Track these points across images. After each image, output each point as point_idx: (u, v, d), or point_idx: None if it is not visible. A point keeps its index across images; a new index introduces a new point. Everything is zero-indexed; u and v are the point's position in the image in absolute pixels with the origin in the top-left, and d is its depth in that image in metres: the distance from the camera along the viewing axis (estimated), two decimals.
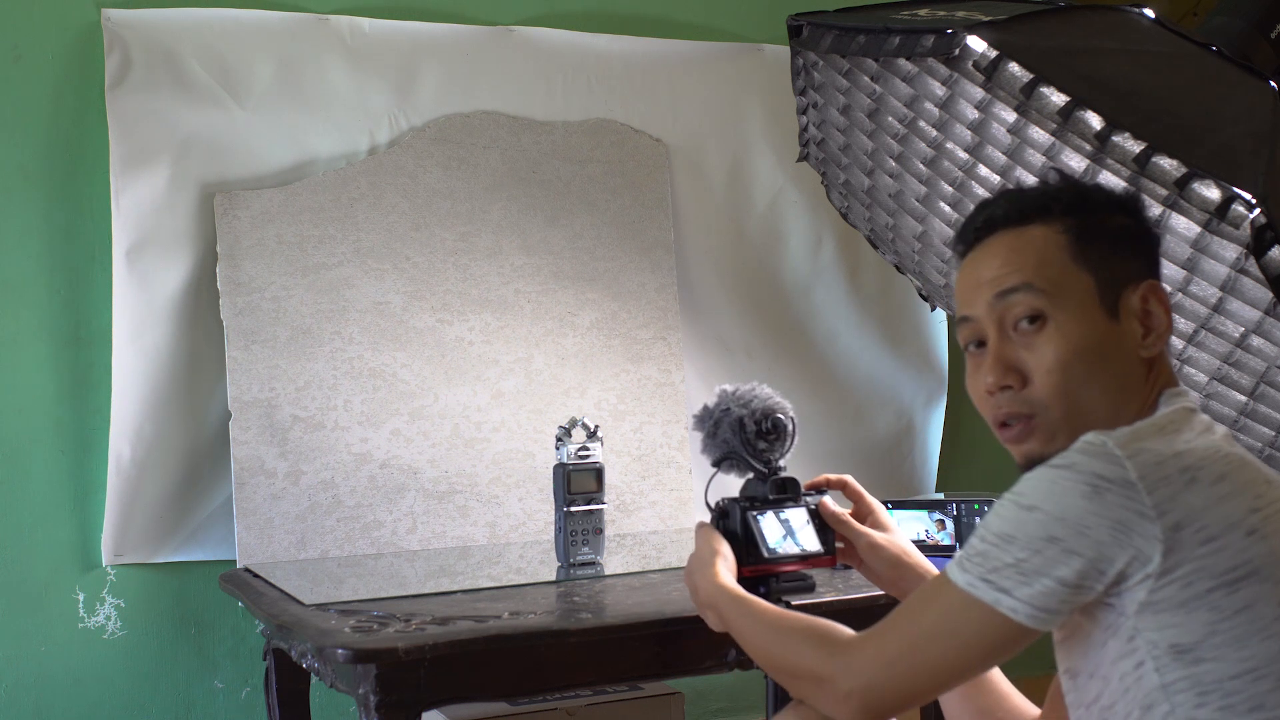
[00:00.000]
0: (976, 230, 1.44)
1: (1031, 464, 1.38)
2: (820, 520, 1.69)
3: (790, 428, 1.66)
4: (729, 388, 1.68)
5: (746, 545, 1.62)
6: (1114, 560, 1.24)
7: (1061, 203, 1.42)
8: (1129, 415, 1.37)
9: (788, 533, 1.64)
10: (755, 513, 1.63)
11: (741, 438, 1.64)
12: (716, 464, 1.68)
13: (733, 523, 1.64)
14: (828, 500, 1.71)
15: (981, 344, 1.43)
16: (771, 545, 1.62)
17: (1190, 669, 1.24)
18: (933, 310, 2.89)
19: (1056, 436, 1.38)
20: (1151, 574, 1.24)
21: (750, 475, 1.68)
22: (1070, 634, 1.36)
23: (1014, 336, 1.40)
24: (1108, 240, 1.40)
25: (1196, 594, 1.24)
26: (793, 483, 1.67)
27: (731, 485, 1.75)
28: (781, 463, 1.68)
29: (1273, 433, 2.07)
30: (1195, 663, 1.24)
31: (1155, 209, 1.90)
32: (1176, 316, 2.02)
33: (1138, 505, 1.24)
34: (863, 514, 1.76)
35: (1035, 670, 1.90)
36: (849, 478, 1.77)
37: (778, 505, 1.65)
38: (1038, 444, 1.40)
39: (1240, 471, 1.28)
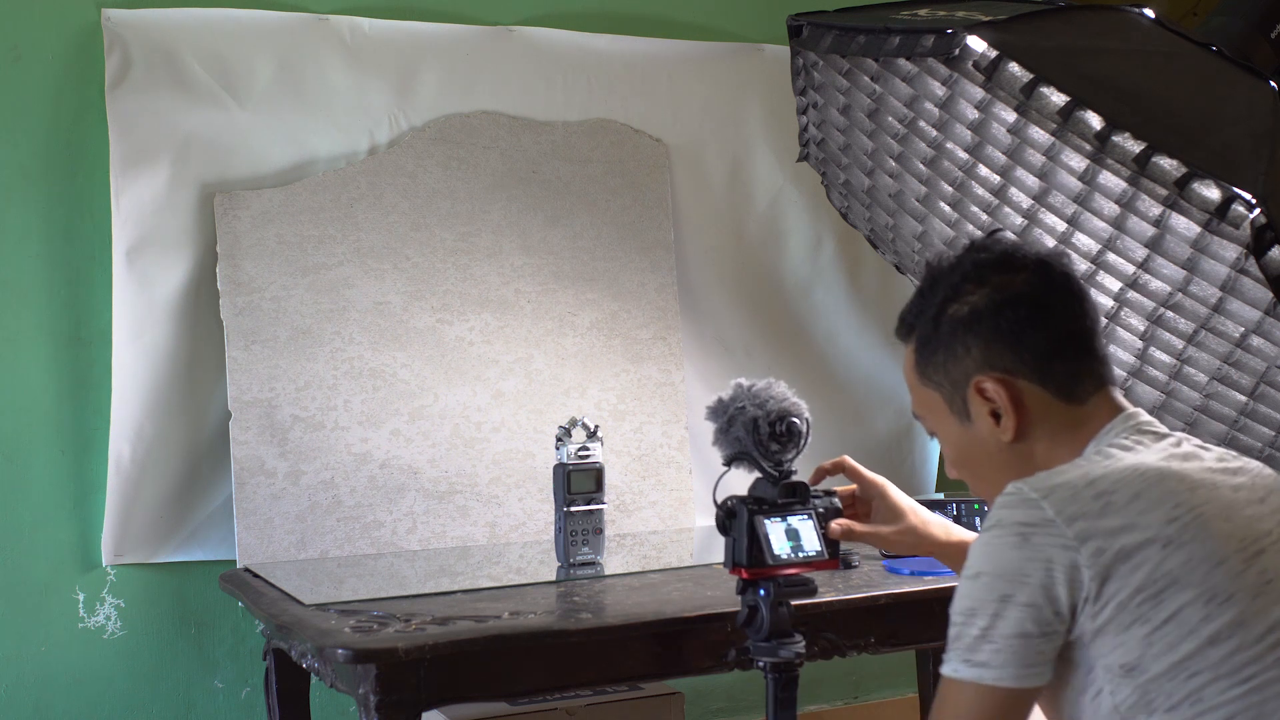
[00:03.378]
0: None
1: None
2: (826, 524, 1.68)
3: (804, 430, 1.65)
4: (745, 382, 1.65)
5: (751, 549, 1.62)
6: (1059, 597, 1.32)
7: (909, 315, 1.53)
8: None
9: (793, 537, 1.64)
10: (762, 516, 1.62)
11: (754, 438, 1.63)
12: (728, 462, 1.67)
13: (739, 525, 1.63)
14: (835, 527, 1.70)
15: None
16: (776, 550, 1.62)
17: (1136, 682, 1.31)
18: None
19: None
20: (1089, 598, 1.31)
21: (760, 475, 1.67)
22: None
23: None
24: (941, 347, 1.48)
25: (1128, 610, 1.31)
26: (802, 487, 1.66)
27: (736, 480, 1.74)
28: (794, 464, 1.67)
29: (1273, 433, 2.07)
30: (1140, 676, 1.31)
31: (1155, 209, 1.90)
32: (1176, 316, 2.02)
33: (1061, 539, 1.32)
34: (869, 495, 1.76)
35: None
36: (846, 458, 1.78)
37: (785, 510, 1.64)
38: None
39: (1157, 485, 1.35)
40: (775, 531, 1.62)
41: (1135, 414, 1.45)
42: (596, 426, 2.20)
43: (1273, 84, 1.96)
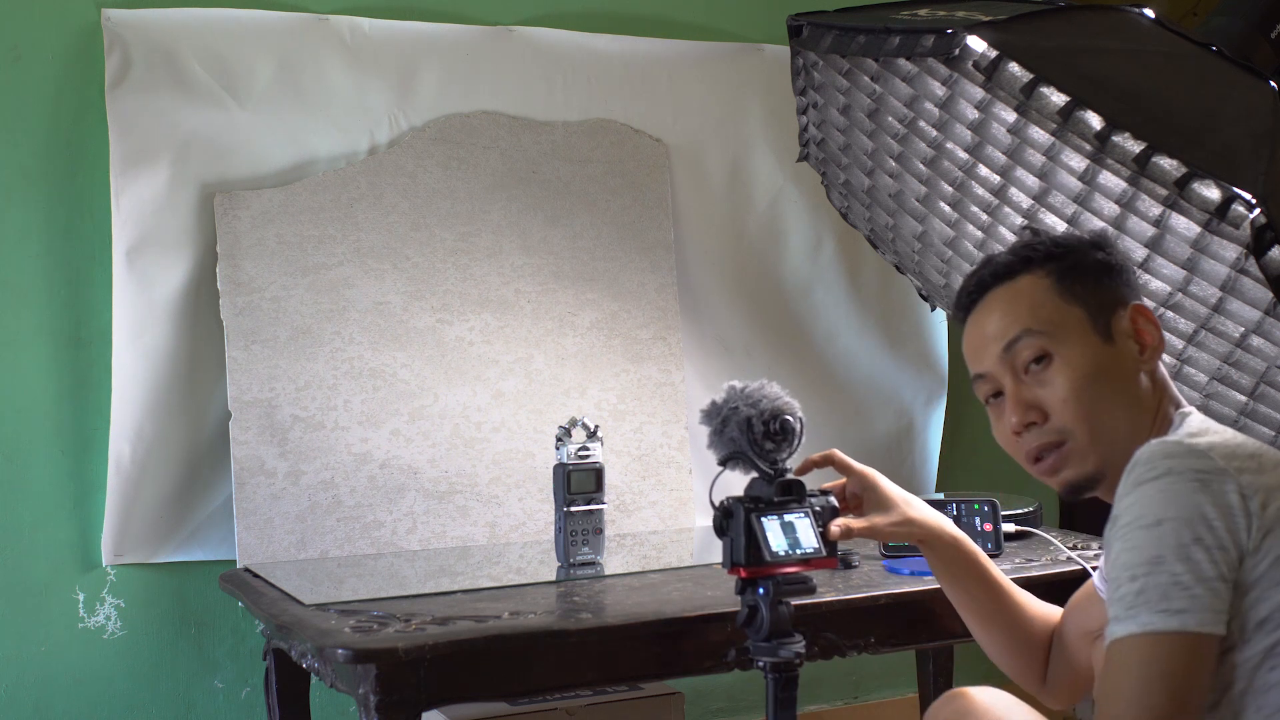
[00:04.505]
0: (970, 294, 1.60)
1: (1074, 491, 1.51)
2: (823, 523, 1.68)
3: (798, 429, 1.65)
4: (738, 384, 1.66)
5: (749, 547, 1.62)
6: (1241, 543, 1.32)
7: (1040, 252, 1.58)
8: (1145, 427, 1.50)
9: (790, 536, 1.63)
10: (759, 515, 1.62)
11: (749, 438, 1.63)
12: (723, 463, 1.67)
13: (736, 524, 1.63)
14: (835, 529, 1.70)
15: (999, 394, 1.57)
16: (774, 548, 1.62)
17: (1267, 638, 1.32)
18: (933, 310, 2.89)
19: (1088, 458, 1.51)
20: (1251, 550, 1.32)
21: (755, 475, 1.67)
22: None
23: (1027, 379, 1.54)
24: (1089, 275, 1.55)
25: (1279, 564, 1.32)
26: (798, 485, 1.66)
27: (734, 483, 1.74)
28: (789, 463, 1.67)
29: (1273, 433, 2.07)
30: (1274, 629, 1.32)
31: (1155, 209, 1.90)
32: (1176, 316, 2.02)
33: (1235, 487, 1.33)
34: (860, 487, 1.76)
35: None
36: (835, 451, 1.77)
37: (782, 508, 1.64)
38: (1073, 470, 1.52)
39: None
40: (772, 529, 1.62)
41: (1193, 409, 1.53)
42: (596, 426, 2.20)
43: (1273, 84, 1.95)
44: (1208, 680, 1.33)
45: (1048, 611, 1.76)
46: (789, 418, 1.63)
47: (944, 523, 1.74)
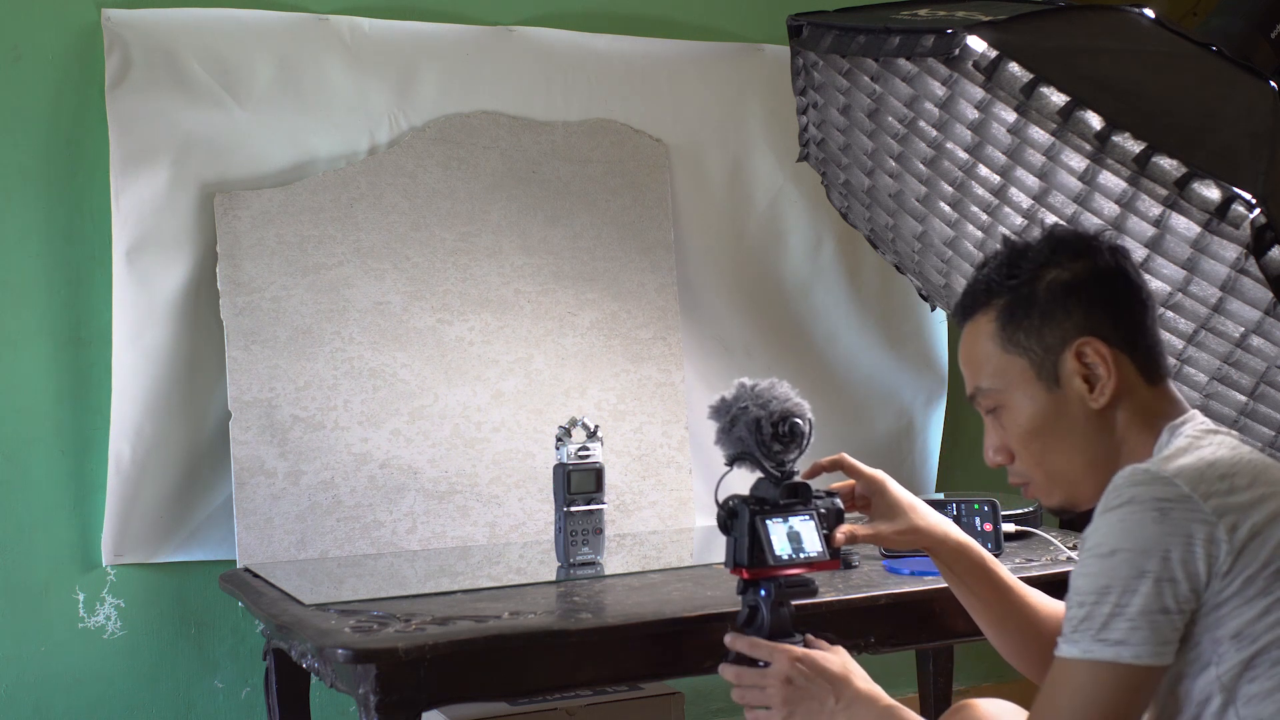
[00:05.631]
0: (956, 319, 1.62)
1: (1056, 514, 1.55)
2: (828, 526, 1.68)
3: (807, 431, 1.64)
4: (748, 382, 1.65)
5: (752, 549, 1.62)
6: (1199, 573, 1.33)
7: (994, 283, 1.55)
8: (1105, 461, 1.50)
9: (794, 538, 1.63)
10: (764, 517, 1.62)
11: (757, 438, 1.62)
12: (730, 462, 1.66)
13: (740, 525, 1.63)
14: (840, 536, 1.69)
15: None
16: (778, 551, 1.61)
17: (1242, 652, 1.34)
18: (933, 310, 2.89)
19: (1052, 494, 1.55)
20: (1221, 573, 1.33)
21: (761, 475, 1.66)
22: None
23: (992, 420, 1.58)
24: (1036, 310, 1.51)
25: (1255, 583, 1.33)
26: (804, 488, 1.66)
27: (738, 478, 1.74)
28: (797, 465, 1.66)
29: (1273, 433, 2.07)
30: (1250, 643, 1.34)
31: (1155, 209, 1.90)
32: (1176, 316, 2.02)
33: (1200, 514, 1.34)
34: (869, 491, 1.76)
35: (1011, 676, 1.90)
36: (844, 455, 1.77)
37: (786, 510, 1.64)
38: (1045, 501, 1.57)
39: (1265, 473, 1.40)
40: (777, 532, 1.62)
41: (1196, 413, 1.51)
42: (596, 426, 2.20)
43: (1273, 84, 1.96)
44: (1143, 709, 1.37)
45: (1061, 609, 1.75)
46: (798, 420, 1.63)
47: (950, 529, 1.73)
